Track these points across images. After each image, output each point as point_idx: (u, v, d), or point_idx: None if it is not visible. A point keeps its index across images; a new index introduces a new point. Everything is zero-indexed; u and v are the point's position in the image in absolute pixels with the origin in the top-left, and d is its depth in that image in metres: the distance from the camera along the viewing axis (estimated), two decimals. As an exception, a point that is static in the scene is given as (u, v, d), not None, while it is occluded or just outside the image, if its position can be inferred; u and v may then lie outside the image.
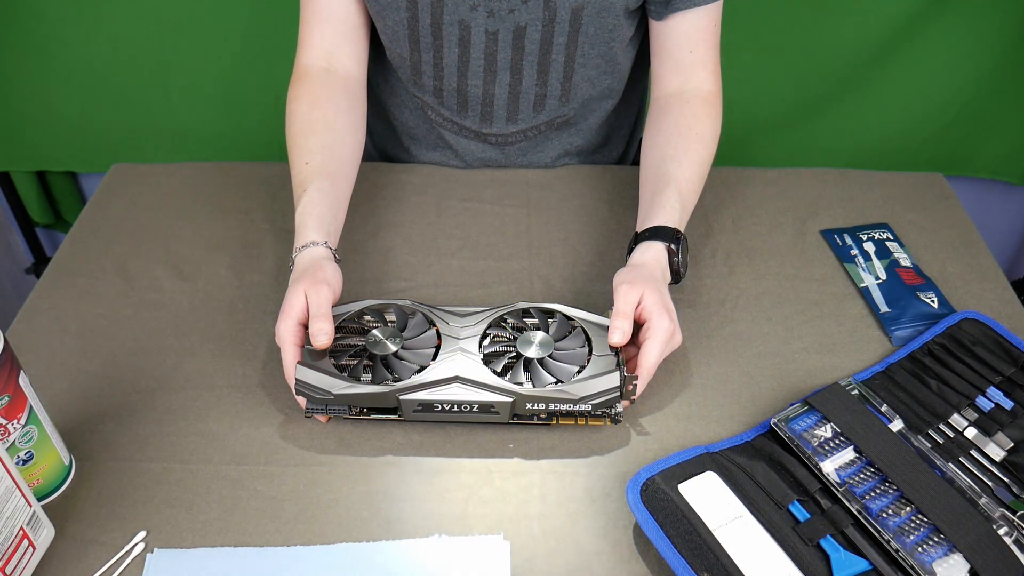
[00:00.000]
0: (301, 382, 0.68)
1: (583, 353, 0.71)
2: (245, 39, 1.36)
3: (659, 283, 0.74)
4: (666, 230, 0.78)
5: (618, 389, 0.68)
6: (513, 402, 0.68)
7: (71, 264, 0.89)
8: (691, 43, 0.87)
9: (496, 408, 0.68)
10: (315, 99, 0.87)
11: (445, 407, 0.68)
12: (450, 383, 0.68)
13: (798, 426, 0.68)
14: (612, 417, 0.70)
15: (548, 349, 0.71)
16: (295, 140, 0.85)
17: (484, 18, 0.85)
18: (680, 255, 0.78)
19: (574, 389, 0.68)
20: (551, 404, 0.68)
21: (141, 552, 0.63)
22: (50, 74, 1.40)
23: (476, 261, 0.90)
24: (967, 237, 0.93)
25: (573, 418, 0.70)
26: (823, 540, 0.61)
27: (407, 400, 0.68)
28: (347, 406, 0.69)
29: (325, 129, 0.86)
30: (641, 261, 0.77)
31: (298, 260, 0.76)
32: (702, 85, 0.88)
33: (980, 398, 0.72)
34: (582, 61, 0.89)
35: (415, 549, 0.64)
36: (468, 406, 0.68)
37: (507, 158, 1.01)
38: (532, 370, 0.70)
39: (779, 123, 1.43)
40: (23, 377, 0.62)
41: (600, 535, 0.65)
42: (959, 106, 1.39)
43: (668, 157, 0.84)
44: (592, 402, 0.68)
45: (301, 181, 0.81)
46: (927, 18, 1.28)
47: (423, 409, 0.68)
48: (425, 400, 0.68)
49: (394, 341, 0.72)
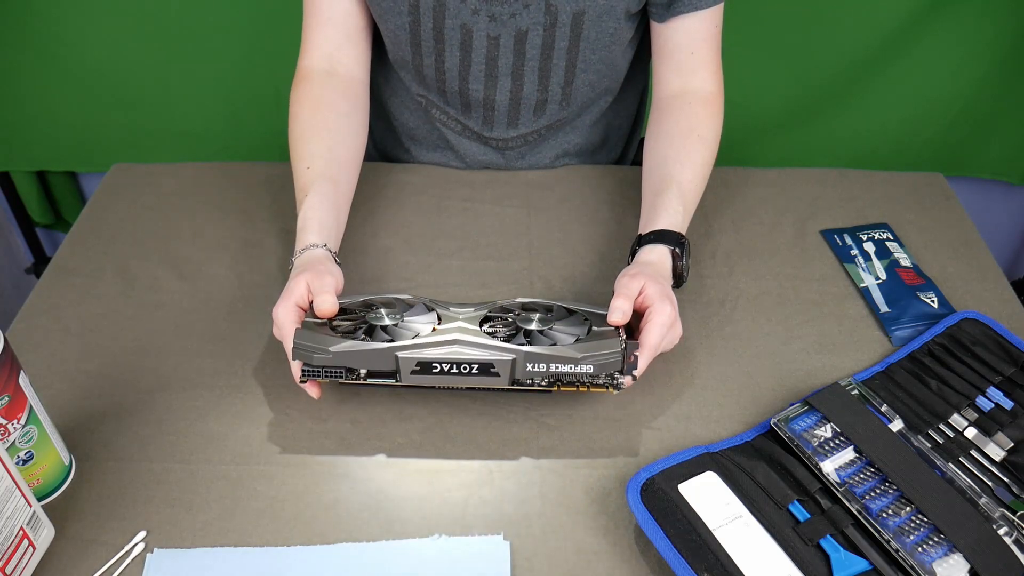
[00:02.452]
0: (298, 344, 0.67)
1: (582, 329, 0.71)
2: (245, 39, 1.36)
3: (663, 278, 0.75)
4: (670, 234, 0.78)
5: (620, 353, 0.67)
6: (513, 361, 0.66)
7: (71, 264, 0.90)
8: (693, 45, 0.87)
9: (496, 368, 0.66)
10: (316, 102, 0.87)
11: (444, 367, 0.67)
12: (450, 344, 0.67)
13: (798, 426, 0.68)
14: (614, 385, 0.68)
15: (548, 325, 0.71)
16: (296, 144, 0.85)
17: (486, 22, 0.85)
18: (684, 259, 0.78)
19: (575, 350, 0.67)
20: (552, 364, 0.67)
21: (141, 552, 0.63)
22: (50, 74, 1.40)
23: (476, 261, 0.90)
24: (967, 237, 0.93)
25: (575, 386, 0.69)
26: (823, 540, 0.61)
27: (405, 358, 0.66)
28: (343, 369, 0.67)
29: (326, 133, 0.86)
30: (647, 260, 0.77)
31: (298, 261, 0.76)
32: (704, 86, 0.88)
33: (980, 398, 0.72)
34: (583, 66, 0.89)
35: (415, 549, 0.64)
36: (467, 367, 0.67)
37: (507, 161, 1.01)
38: (532, 337, 0.69)
39: (779, 123, 1.43)
40: (23, 377, 0.62)
41: (600, 535, 0.65)
42: (959, 106, 1.39)
43: (670, 159, 0.85)
44: (594, 363, 0.66)
45: (303, 185, 0.81)
46: (927, 19, 1.28)
47: (422, 370, 0.67)
48: (424, 358, 0.66)
49: (393, 317, 0.71)
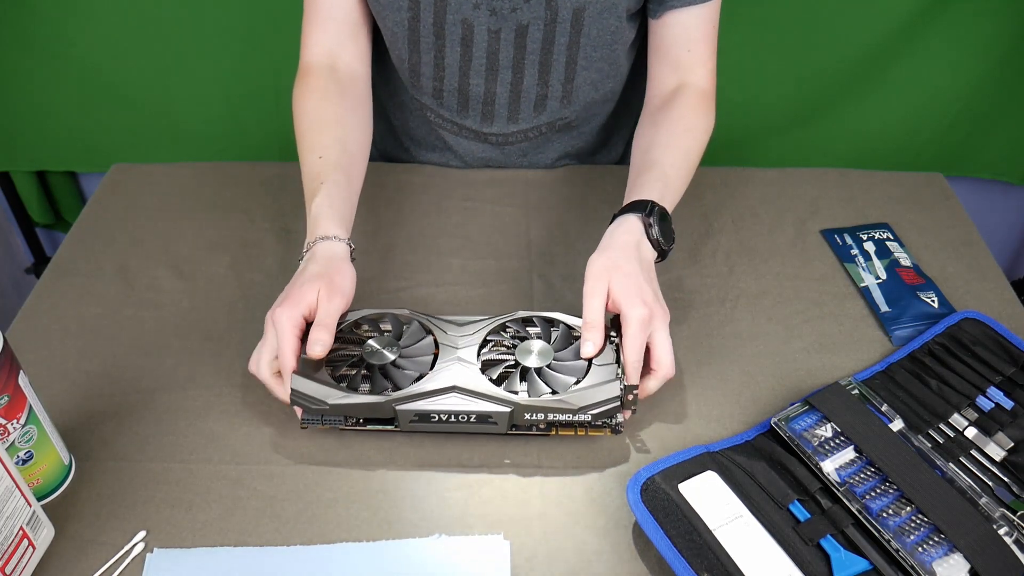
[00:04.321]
0: (297, 392, 0.68)
1: (582, 365, 0.70)
2: (245, 39, 1.36)
3: (629, 262, 0.71)
4: (640, 203, 0.76)
5: (618, 399, 0.67)
6: (511, 412, 0.67)
7: (71, 264, 0.89)
8: (688, 42, 0.86)
9: (494, 419, 0.67)
10: (324, 95, 0.86)
11: (442, 417, 0.68)
12: (448, 393, 0.68)
13: (798, 426, 0.68)
14: (612, 427, 0.69)
15: (547, 359, 0.70)
16: (305, 135, 0.84)
17: (487, 17, 0.85)
18: (657, 227, 0.74)
19: (573, 399, 0.67)
20: (550, 414, 0.67)
21: (141, 552, 0.63)
22: (50, 74, 1.40)
23: (476, 261, 0.90)
24: (967, 237, 0.93)
25: (572, 429, 0.70)
26: (823, 540, 0.61)
27: (404, 410, 0.67)
28: (343, 417, 0.69)
29: (336, 124, 0.85)
30: (609, 243, 0.74)
31: (316, 250, 0.73)
32: (698, 83, 0.88)
33: (980, 398, 0.72)
34: (584, 64, 0.89)
35: (415, 549, 0.64)
36: (466, 416, 0.67)
37: (507, 158, 1.01)
38: (529, 379, 0.69)
39: (779, 123, 1.43)
40: (23, 377, 0.62)
41: (600, 535, 0.65)
42: (959, 106, 1.39)
43: (655, 144, 0.83)
44: (591, 412, 0.67)
45: (316, 174, 0.79)
46: (927, 18, 1.28)
47: (420, 419, 0.68)
48: (422, 410, 0.67)
49: (391, 350, 0.71)
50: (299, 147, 0.84)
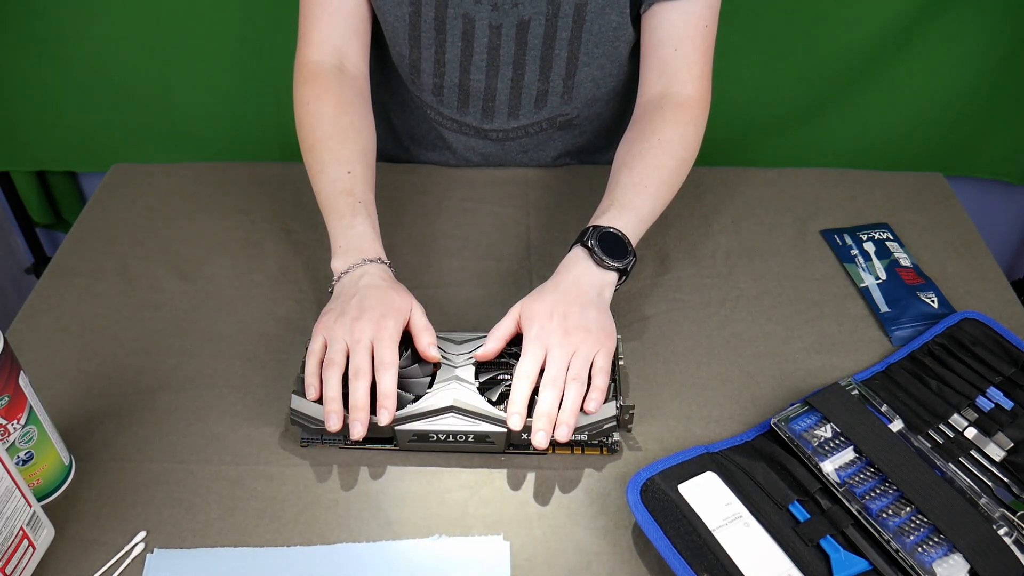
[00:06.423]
0: (296, 412, 0.69)
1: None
2: (245, 39, 1.36)
3: (541, 292, 0.73)
4: (583, 231, 0.76)
5: (614, 419, 0.68)
6: (508, 432, 0.68)
7: (71, 264, 0.89)
8: (676, 40, 0.84)
9: (492, 438, 0.68)
10: (340, 101, 0.85)
11: (440, 437, 0.68)
12: (446, 413, 0.69)
13: (798, 426, 0.68)
14: (608, 447, 0.70)
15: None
16: (328, 145, 0.82)
17: (488, 12, 0.85)
18: (597, 246, 0.73)
19: None
20: None
21: (141, 552, 0.63)
22: (50, 74, 1.40)
23: (476, 261, 0.90)
24: (967, 237, 0.93)
25: (569, 448, 0.70)
26: (823, 540, 0.61)
27: (403, 431, 0.68)
28: (343, 436, 0.69)
29: (357, 136, 0.84)
30: (555, 275, 0.75)
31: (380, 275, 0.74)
32: (683, 89, 0.85)
33: (980, 398, 0.72)
34: (586, 60, 0.89)
35: (415, 549, 0.64)
36: (464, 436, 0.68)
37: (507, 154, 1.01)
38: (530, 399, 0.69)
39: (779, 123, 1.43)
40: (23, 377, 0.62)
41: (600, 535, 0.65)
42: (960, 106, 1.39)
43: (621, 165, 0.82)
44: (588, 432, 0.68)
45: (348, 189, 0.79)
46: (927, 18, 1.28)
47: (419, 439, 0.69)
48: (421, 431, 0.68)
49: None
50: (319, 154, 0.82)
